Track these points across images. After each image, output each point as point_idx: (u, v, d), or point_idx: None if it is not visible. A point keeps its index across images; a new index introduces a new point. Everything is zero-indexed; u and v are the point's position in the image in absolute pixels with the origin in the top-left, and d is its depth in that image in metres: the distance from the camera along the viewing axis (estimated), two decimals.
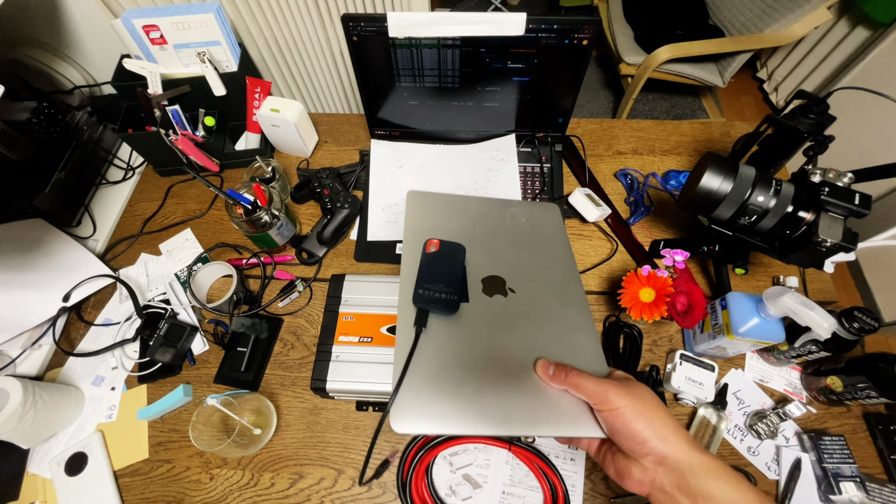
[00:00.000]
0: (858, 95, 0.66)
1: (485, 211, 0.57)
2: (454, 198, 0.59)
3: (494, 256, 0.50)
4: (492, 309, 0.45)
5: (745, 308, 0.57)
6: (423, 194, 0.58)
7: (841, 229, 0.53)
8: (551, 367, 0.39)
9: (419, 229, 0.52)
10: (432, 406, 0.39)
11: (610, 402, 0.35)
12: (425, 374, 0.40)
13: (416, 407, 0.39)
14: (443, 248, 0.48)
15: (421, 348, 0.42)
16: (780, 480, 0.58)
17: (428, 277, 0.45)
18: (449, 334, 0.43)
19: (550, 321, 0.45)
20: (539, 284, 0.48)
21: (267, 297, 0.74)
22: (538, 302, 0.46)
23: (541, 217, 0.57)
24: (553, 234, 0.55)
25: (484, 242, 0.52)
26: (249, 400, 0.61)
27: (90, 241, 0.81)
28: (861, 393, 0.56)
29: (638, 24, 1.78)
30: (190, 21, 0.78)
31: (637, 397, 0.35)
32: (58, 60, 0.91)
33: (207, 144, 0.83)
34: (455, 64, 0.70)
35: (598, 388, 0.36)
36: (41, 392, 0.60)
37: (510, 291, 0.47)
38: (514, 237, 0.53)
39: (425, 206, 0.57)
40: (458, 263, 0.47)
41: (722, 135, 0.90)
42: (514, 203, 0.59)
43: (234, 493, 0.60)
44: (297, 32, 1.17)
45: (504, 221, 0.55)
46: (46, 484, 0.61)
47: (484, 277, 0.47)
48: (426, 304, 0.43)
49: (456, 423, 0.38)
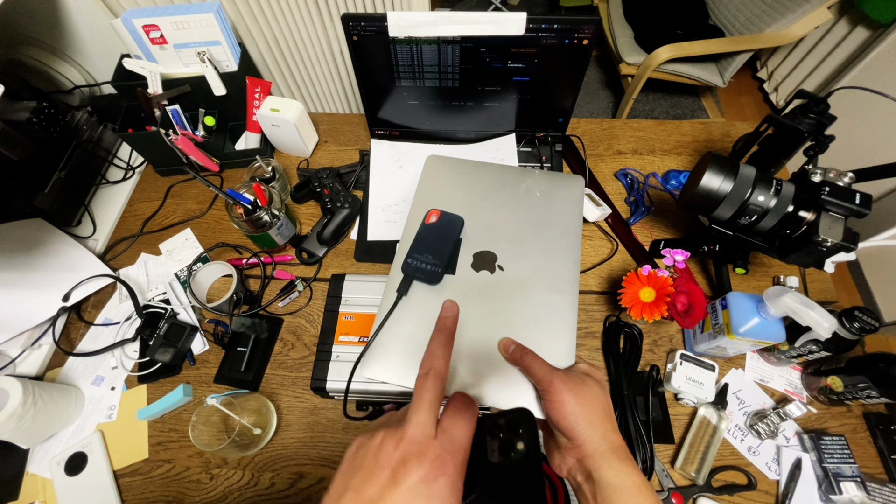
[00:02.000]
0: (858, 95, 0.66)
1: (500, 181, 0.55)
2: (473, 164, 0.57)
3: (495, 231, 0.50)
4: (475, 284, 0.46)
5: (746, 308, 0.57)
6: (442, 159, 0.57)
7: (841, 229, 0.53)
8: (512, 346, 0.41)
9: (429, 196, 0.53)
10: (398, 361, 0.43)
11: (553, 392, 0.36)
12: (399, 332, 0.44)
13: (385, 357, 0.43)
14: (441, 220, 0.49)
15: (401, 309, 0.45)
16: (780, 480, 0.58)
17: (419, 247, 0.47)
18: (429, 301, 0.45)
19: (530, 304, 0.45)
20: (531, 266, 0.48)
21: (267, 296, 0.74)
22: (524, 283, 0.46)
23: (558, 192, 0.54)
24: (565, 211, 0.52)
25: (489, 215, 0.51)
26: (249, 400, 0.61)
27: (90, 241, 0.81)
28: (861, 393, 0.55)
29: (638, 24, 1.78)
30: (190, 21, 0.78)
31: (580, 395, 0.35)
32: (58, 60, 0.90)
33: (207, 144, 0.83)
34: (455, 61, 0.70)
35: (547, 375, 0.37)
36: (41, 392, 0.60)
37: (498, 269, 0.47)
38: (523, 212, 0.52)
39: (442, 171, 0.56)
40: (452, 236, 0.48)
41: (722, 135, 0.90)
42: (533, 174, 0.55)
43: (234, 493, 0.60)
44: (297, 32, 1.17)
45: (517, 194, 0.53)
46: (46, 484, 0.61)
47: (476, 252, 0.48)
48: (411, 272, 0.46)
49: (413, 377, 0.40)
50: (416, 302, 0.46)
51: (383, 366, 0.43)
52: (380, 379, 0.43)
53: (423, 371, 0.32)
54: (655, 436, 0.60)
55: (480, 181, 0.55)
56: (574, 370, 0.39)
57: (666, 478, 0.58)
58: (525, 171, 0.56)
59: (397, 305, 0.45)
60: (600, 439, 0.34)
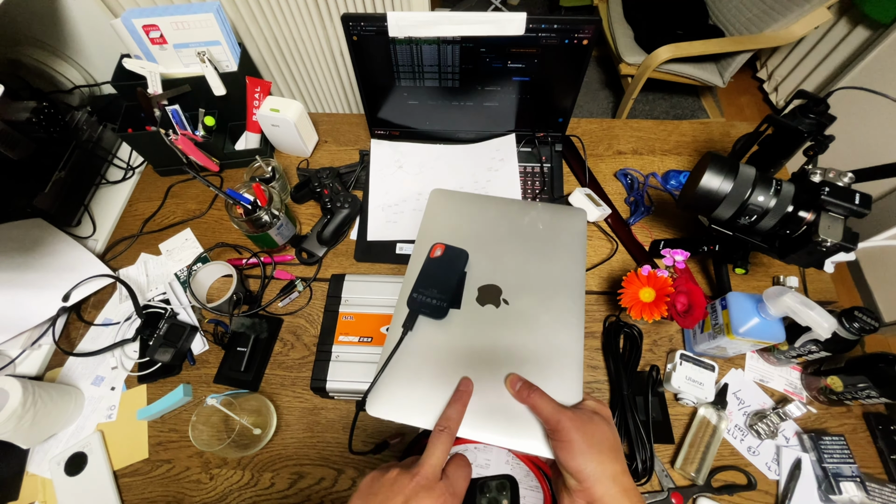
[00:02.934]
0: (858, 95, 0.66)
1: (503, 213, 0.55)
2: (476, 197, 0.57)
3: (499, 264, 0.50)
4: (481, 318, 0.46)
5: (746, 308, 0.57)
6: (446, 193, 0.57)
7: (841, 229, 0.53)
8: (519, 383, 0.41)
9: (433, 229, 0.54)
10: (405, 398, 0.43)
11: (561, 432, 0.36)
12: (405, 368, 0.44)
13: (391, 396, 0.43)
14: (446, 254, 0.49)
15: (407, 345, 0.45)
16: (780, 480, 0.58)
17: (425, 282, 0.47)
18: (434, 336, 0.45)
19: (535, 339, 0.45)
20: (536, 299, 0.47)
21: (267, 297, 0.74)
22: (529, 317, 0.46)
23: (561, 224, 0.54)
24: (569, 244, 0.52)
25: (492, 248, 0.51)
26: (249, 400, 0.61)
27: (90, 241, 0.81)
28: (861, 393, 0.55)
29: (638, 24, 1.78)
30: (190, 21, 0.78)
31: (589, 435, 0.36)
32: (58, 60, 0.90)
33: (207, 144, 0.83)
34: (455, 60, 0.70)
35: (554, 414, 0.37)
36: (41, 392, 0.60)
37: (503, 303, 0.47)
38: (527, 245, 0.52)
39: (446, 205, 0.56)
40: (457, 270, 0.48)
41: (722, 135, 0.90)
42: (536, 206, 0.55)
43: (234, 493, 0.60)
44: (297, 32, 1.17)
45: (521, 226, 0.53)
46: (46, 484, 0.61)
47: (481, 286, 0.48)
48: (417, 307, 0.46)
49: (422, 418, 0.41)
50: (422, 337, 0.46)
51: (390, 405, 0.43)
52: (387, 419, 0.42)
53: (440, 427, 0.37)
54: (655, 436, 0.60)
55: (484, 214, 0.55)
56: (582, 407, 0.39)
57: (666, 478, 0.58)
58: (528, 204, 0.56)
59: (406, 338, 0.45)
60: (610, 482, 0.34)
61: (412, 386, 0.43)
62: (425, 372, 0.44)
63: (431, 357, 0.44)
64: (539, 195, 0.81)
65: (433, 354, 0.44)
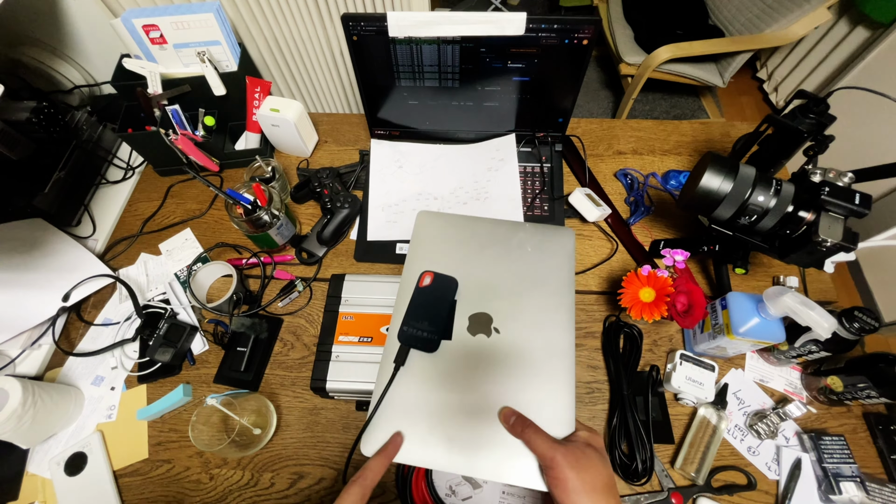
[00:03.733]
0: (858, 95, 0.66)
1: (492, 235, 0.54)
2: (464, 219, 0.57)
3: (489, 290, 0.49)
4: (472, 349, 0.46)
5: (746, 308, 0.57)
6: (432, 215, 0.57)
7: (841, 229, 0.53)
8: (513, 417, 0.41)
9: (421, 255, 0.53)
10: (405, 436, 0.42)
11: (555, 469, 0.36)
12: (400, 404, 0.44)
13: (385, 436, 0.42)
14: (435, 282, 0.48)
15: (400, 379, 0.45)
16: (780, 480, 0.58)
17: (415, 314, 0.47)
18: (427, 370, 0.45)
19: (528, 369, 0.45)
20: (526, 327, 0.47)
21: (267, 296, 0.74)
22: (520, 347, 0.46)
23: (549, 245, 0.53)
24: (557, 266, 0.51)
25: (482, 273, 0.50)
26: (249, 400, 0.61)
27: (90, 241, 0.81)
28: (861, 393, 0.55)
29: (638, 24, 1.78)
30: (190, 21, 0.78)
31: (583, 471, 0.36)
32: (58, 60, 0.91)
33: (207, 144, 0.83)
34: (455, 60, 0.70)
35: (549, 451, 0.37)
36: (41, 392, 0.60)
37: (494, 332, 0.47)
38: (515, 268, 0.51)
39: (433, 227, 0.56)
40: (447, 300, 0.48)
41: (722, 135, 0.90)
42: (524, 227, 0.55)
43: (233, 493, 0.60)
44: (297, 32, 1.17)
45: (510, 248, 0.52)
46: (46, 484, 0.61)
47: (472, 314, 0.48)
48: (407, 341, 0.46)
49: (419, 456, 0.42)
50: (413, 369, 0.45)
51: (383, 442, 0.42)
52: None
53: (354, 479, 0.38)
54: (655, 436, 0.60)
55: (472, 236, 0.54)
56: (575, 440, 0.39)
57: (666, 478, 0.58)
58: (516, 225, 0.56)
59: (399, 372, 0.45)
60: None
61: (406, 419, 0.43)
62: (420, 407, 0.43)
63: (426, 390, 0.44)
64: (539, 195, 0.81)
65: (427, 387, 0.44)
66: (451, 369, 0.45)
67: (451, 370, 0.45)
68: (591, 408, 0.64)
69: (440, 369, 0.45)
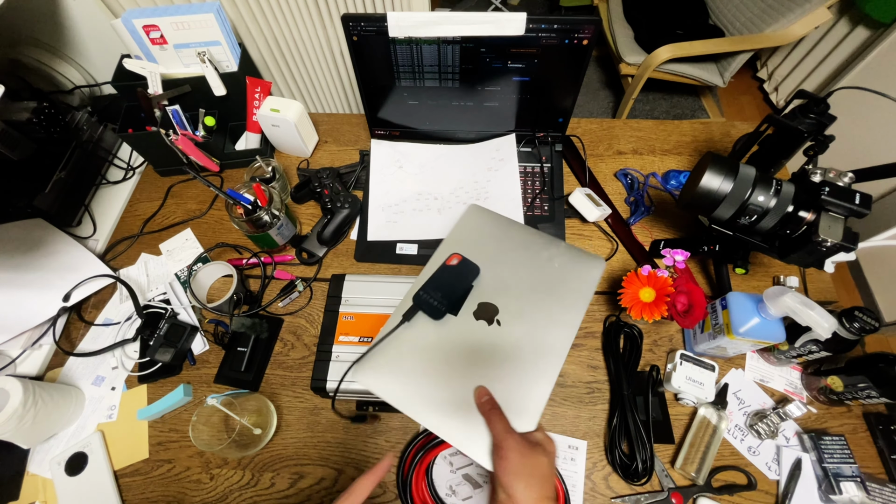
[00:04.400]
0: (858, 95, 0.66)
1: (527, 242, 0.57)
2: (508, 222, 0.60)
3: (505, 287, 0.52)
4: (472, 330, 0.50)
5: (746, 308, 0.57)
6: (481, 210, 0.61)
7: (841, 229, 0.53)
8: (485, 396, 0.44)
9: (460, 239, 0.57)
10: (388, 375, 0.47)
11: (503, 449, 0.39)
12: (397, 354, 0.48)
13: (378, 370, 0.47)
14: (460, 265, 0.52)
15: (404, 335, 0.49)
16: (780, 480, 0.58)
17: (434, 284, 0.51)
18: (429, 334, 0.50)
19: (514, 363, 0.47)
20: (527, 330, 0.49)
21: (267, 297, 0.74)
22: (514, 345, 0.49)
23: (577, 269, 0.54)
24: (577, 288, 0.53)
25: (504, 271, 0.53)
26: (249, 400, 0.61)
27: (90, 241, 0.81)
28: (861, 393, 0.55)
29: (638, 24, 1.78)
30: (190, 21, 0.78)
31: (526, 458, 0.39)
32: (58, 60, 0.91)
33: (207, 144, 0.83)
34: (455, 60, 0.70)
35: (503, 433, 0.40)
36: (41, 392, 0.60)
37: (496, 323, 0.50)
38: (537, 277, 0.53)
39: (478, 220, 0.59)
40: (465, 282, 0.52)
41: (722, 135, 0.90)
42: (559, 245, 0.57)
43: (234, 493, 0.60)
44: (297, 32, 1.17)
45: (538, 259, 0.55)
46: (46, 484, 0.61)
47: (482, 302, 0.51)
48: (419, 304, 0.50)
49: (399, 399, 0.46)
50: (417, 329, 0.50)
51: (374, 377, 0.47)
52: (366, 388, 0.46)
53: (342, 498, 0.40)
54: (655, 436, 0.60)
55: (508, 238, 0.58)
56: (530, 437, 0.42)
57: (666, 478, 0.58)
58: (552, 241, 0.58)
59: (403, 328, 0.49)
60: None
61: (396, 367, 0.47)
62: (411, 361, 0.48)
63: (418, 350, 0.48)
64: (539, 195, 0.81)
65: (421, 348, 0.49)
66: (448, 340, 0.49)
67: (447, 341, 0.49)
68: (591, 408, 0.64)
69: (439, 337, 0.49)
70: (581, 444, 0.61)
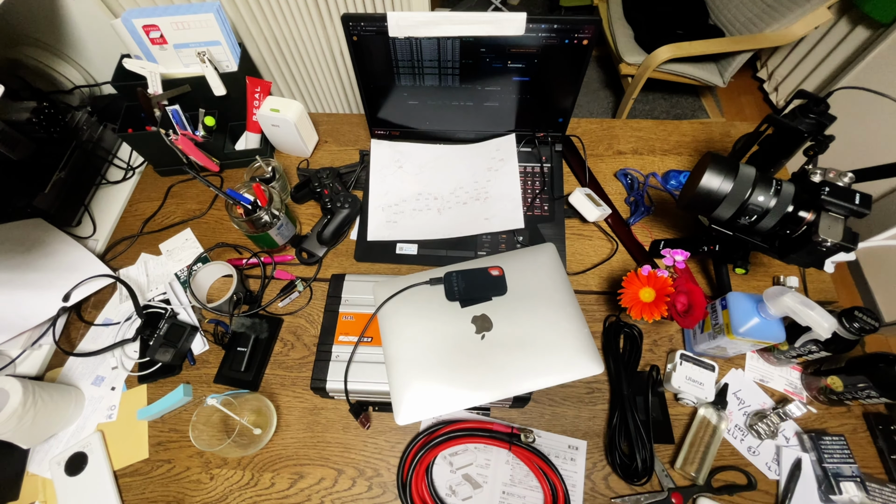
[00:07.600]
0: (858, 95, 0.66)
1: (560, 303, 0.59)
2: (562, 278, 0.62)
3: (511, 312, 0.57)
4: (462, 326, 0.56)
5: (746, 308, 0.57)
6: (554, 253, 0.64)
7: (841, 229, 0.53)
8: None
9: (515, 263, 0.62)
10: (396, 324, 0.57)
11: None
12: (407, 310, 0.58)
13: (391, 317, 0.57)
14: (496, 279, 0.59)
15: (417, 296, 0.59)
16: (780, 480, 0.58)
17: (467, 275, 0.59)
18: (433, 304, 0.58)
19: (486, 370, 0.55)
20: (504, 350, 0.54)
21: (267, 297, 0.74)
22: (496, 352, 0.55)
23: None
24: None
25: (527, 301, 0.58)
26: (249, 400, 0.61)
27: (90, 241, 0.81)
28: (861, 393, 0.55)
29: (638, 24, 1.78)
30: (190, 21, 0.78)
31: None
32: (58, 60, 0.91)
33: (207, 144, 0.83)
34: (455, 55, 0.70)
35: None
36: (41, 392, 0.60)
37: (482, 336, 0.56)
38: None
39: (542, 258, 0.63)
40: (489, 292, 0.58)
41: (722, 135, 0.90)
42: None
43: (234, 493, 0.60)
44: (297, 32, 1.17)
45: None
46: (46, 484, 0.61)
47: (484, 313, 0.56)
48: (445, 279, 0.59)
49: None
50: (428, 299, 0.58)
51: (385, 323, 0.57)
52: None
53: None
54: (655, 436, 0.60)
55: (548, 289, 0.60)
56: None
57: (666, 478, 0.58)
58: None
59: (418, 286, 0.59)
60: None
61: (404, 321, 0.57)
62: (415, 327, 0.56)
63: (424, 317, 0.57)
64: (539, 195, 0.81)
65: (426, 316, 0.57)
66: (440, 319, 0.57)
67: (439, 319, 0.57)
68: (591, 408, 0.64)
69: (438, 313, 0.57)
70: (581, 444, 0.61)
